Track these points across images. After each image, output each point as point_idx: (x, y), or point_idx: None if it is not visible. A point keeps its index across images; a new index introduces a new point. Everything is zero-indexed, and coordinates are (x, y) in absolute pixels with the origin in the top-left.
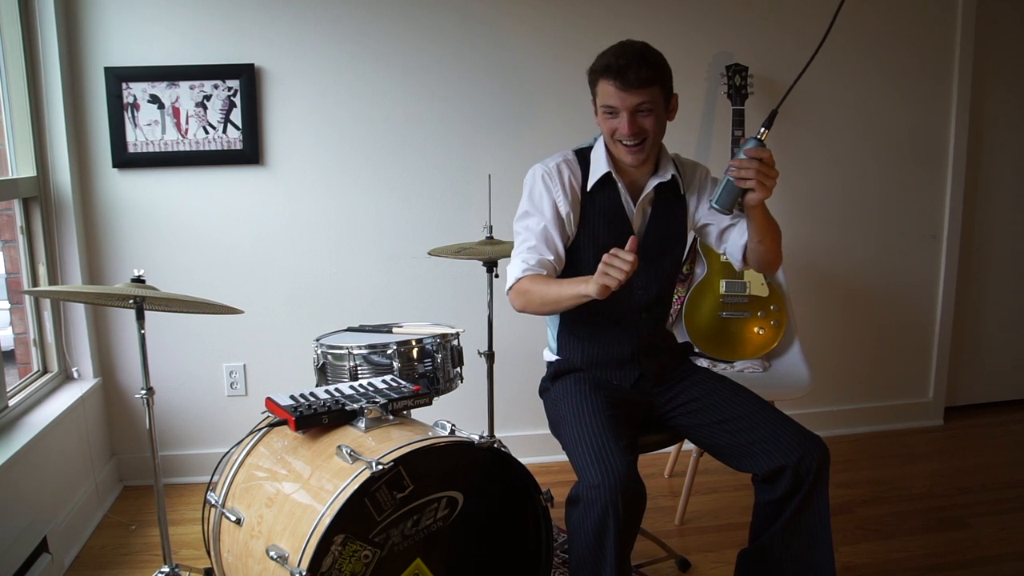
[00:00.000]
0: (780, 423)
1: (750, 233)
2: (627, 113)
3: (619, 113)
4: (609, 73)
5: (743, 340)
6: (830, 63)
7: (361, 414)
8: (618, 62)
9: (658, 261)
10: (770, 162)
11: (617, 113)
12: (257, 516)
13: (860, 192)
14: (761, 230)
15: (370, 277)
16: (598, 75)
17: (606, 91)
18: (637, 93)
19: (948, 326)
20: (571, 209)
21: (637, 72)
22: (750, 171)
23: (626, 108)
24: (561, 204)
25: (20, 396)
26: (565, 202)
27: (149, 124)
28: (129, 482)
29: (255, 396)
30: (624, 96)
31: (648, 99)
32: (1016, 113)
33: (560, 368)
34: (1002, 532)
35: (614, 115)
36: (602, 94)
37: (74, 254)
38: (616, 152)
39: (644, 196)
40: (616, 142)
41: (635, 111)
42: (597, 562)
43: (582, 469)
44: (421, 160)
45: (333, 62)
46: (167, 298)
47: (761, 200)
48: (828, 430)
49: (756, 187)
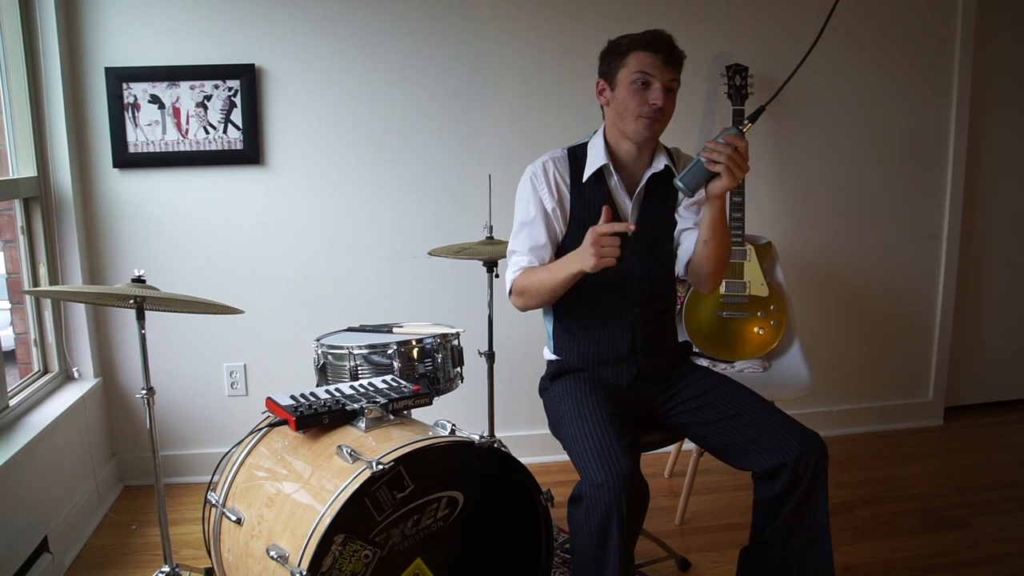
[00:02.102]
0: (779, 421)
1: (700, 229)
2: (661, 84)
3: (652, 84)
4: (655, 46)
5: (743, 340)
6: (830, 63)
7: (361, 414)
8: (662, 38)
9: (652, 253)
10: (744, 153)
11: (650, 84)
12: (257, 516)
13: (860, 192)
14: (712, 227)
15: (370, 277)
16: (635, 47)
17: (644, 60)
18: (672, 69)
19: (948, 326)
20: (557, 205)
21: (676, 52)
22: (722, 155)
23: (663, 80)
24: (547, 200)
25: (21, 396)
26: (551, 199)
27: (149, 124)
28: (129, 482)
29: (255, 396)
30: (665, 69)
31: (677, 78)
32: (1016, 113)
33: (560, 368)
34: (1002, 532)
35: (647, 86)
36: (637, 63)
37: (74, 254)
38: (635, 128)
39: (639, 188)
40: (638, 118)
41: (667, 87)
42: (600, 561)
43: (585, 468)
44: (421, 160)
45: (334, 62)
46: (167, 298)
47: (725, 190)
48: (828, 430)
49: (724, 173)
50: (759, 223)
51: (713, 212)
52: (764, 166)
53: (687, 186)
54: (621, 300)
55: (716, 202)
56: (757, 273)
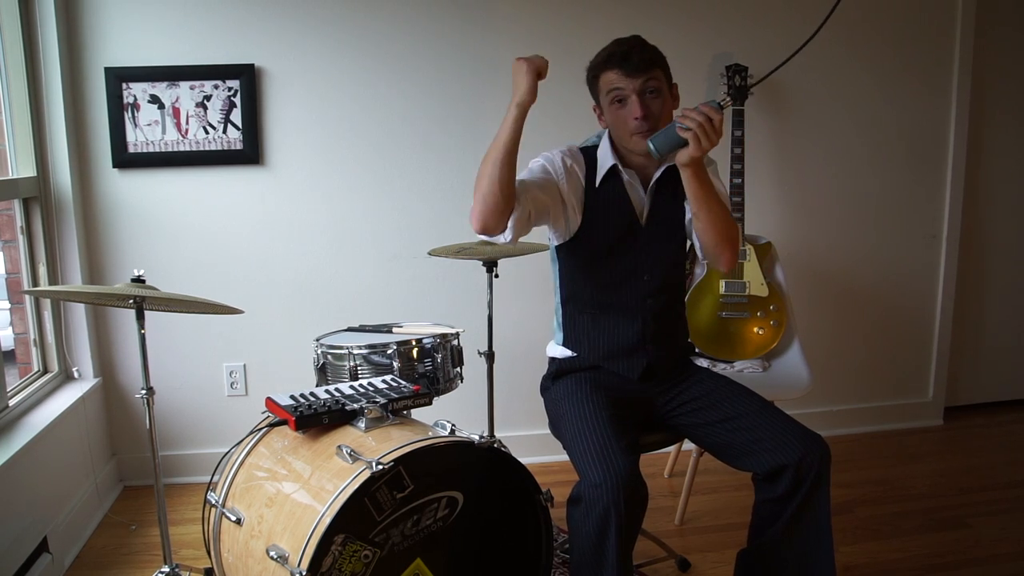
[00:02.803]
0: (781, 422)
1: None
2: (636, 95)
3: (628, 98)
4: (612, 61)
5: (743, 340)
6: (830, 63)
7: (361, 414)
8: (620, 49)
9: (663, 246)
10: (718, 127)
11: (626, 99)
12: (257, 516)
13: (860, 192)
14: (696, 200)
15: (370, 277)
16: (600, 69)
17: (611, 79)
18: (642, 74)
19: (948, 326)
20: (572, 191)
21: (640, 55)
22: (693, 121)
23: (634, 90)
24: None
25: (20, 396)
26: (564, 180)
27: (149, 124)
28: (129, 482)
29: (255, 396)
30: (631, 79)
31: (653, 79)
32: (1016, 113)
33: (562, 368)
34: (1002, 532)
35: (623, 102)
36: (607, 83)
37: (74, 254)
38: (632, 147)
39: (653, 183)
40: (631, 136)
41: (643, 93)
42: (598, 562)
43: (584, 468)
44: (421, 160)
45: (333, 62)
46: (167, 298)
47: (691, 158)
48: (828, 430)
49: (691, 139)
50: (759, 223)
51: (688, 182)
52: (764, 166)
53: (656, 148)
54: (632, 291)
55: (686, 171)
56: (757, 273)
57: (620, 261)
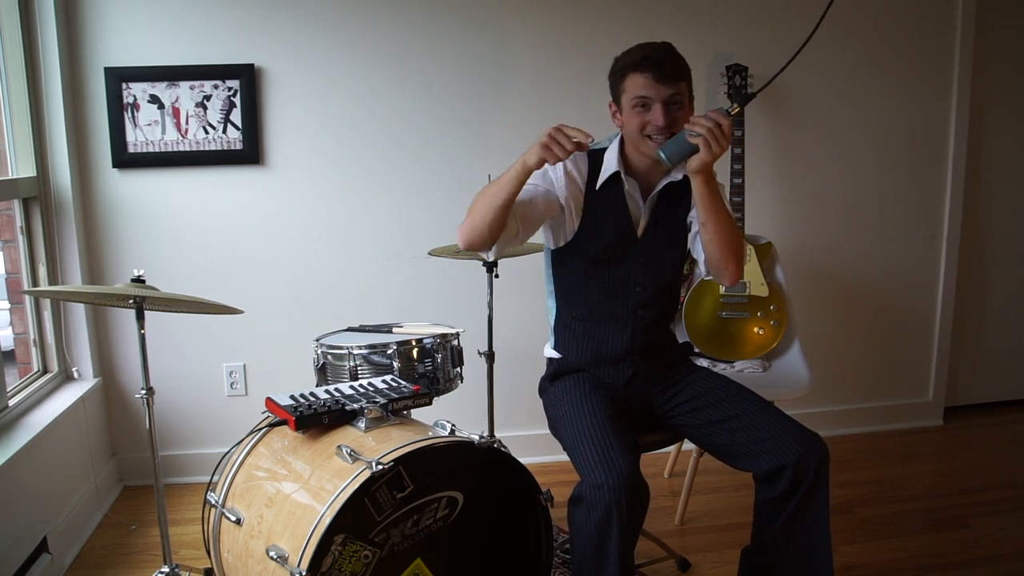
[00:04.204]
0: (780, 422)
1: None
2: (661, 104)
3: (652, 105)
4: (645, 65)
5: (743, 340)
6: (830, 63)
7: (361, 414)
8: (653, 55)
9: (659, 259)
10: (727, 131)
11: (650, 105)
12: (257, 516)
13: (860, 191)
14: (702, 206)
15: (370, 277)
16: (628, 70)
17: (638, 83)
18: (671, 85)
19: (948, 326)
20: (570, 196)
21: (672, 64)
22: (703, 127)
23: (661, 99)
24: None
25: (20, 396)
26: (561, 188)
27: (149, 124)
28: (129, 482)
29: (255, 396)
30: (660, 87)
31: (680, 92)
32: (1016, 113)
33: (560, 368)
34: (1002, 532)
35: (647, 108)
36: (633, 87)
37: (74, 254)
38: (643, 150)
39: (653, 194)
40: (644, 138)
41: (668, 103)
42: (600, 562)
43: (585, 468)
44: (421, 160)
45: (333, 63)
46: (167, 298)
47: (703, 164)
48: (828, 430)
49: (701, 145)
50: (759, 223)
51: (698, 190)
52: (764, 166)
53: (667, 156)
54: (624, 301)
55: (696, 178)
56: (757, 273)
57: (613, 270)
